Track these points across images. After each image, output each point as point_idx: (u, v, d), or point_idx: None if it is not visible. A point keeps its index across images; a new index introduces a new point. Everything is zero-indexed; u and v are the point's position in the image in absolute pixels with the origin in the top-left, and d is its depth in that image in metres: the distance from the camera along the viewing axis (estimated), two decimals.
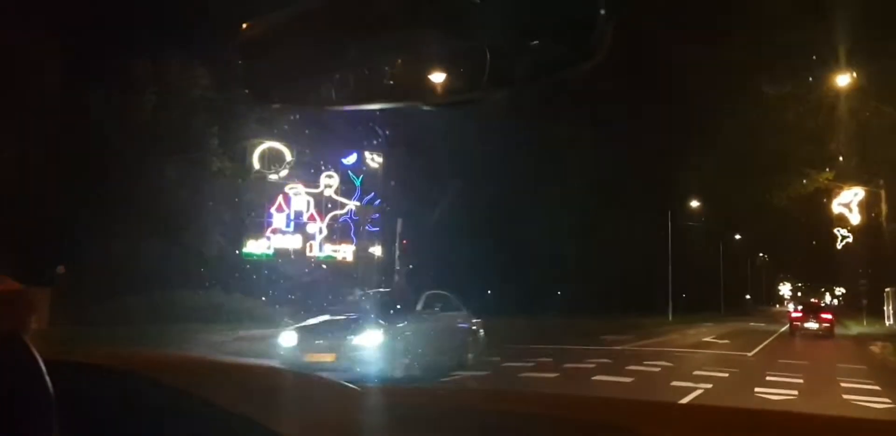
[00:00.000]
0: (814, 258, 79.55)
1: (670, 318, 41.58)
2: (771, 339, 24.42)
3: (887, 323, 38.26)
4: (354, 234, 33.22)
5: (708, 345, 20.67)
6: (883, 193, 41.04)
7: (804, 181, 41.95)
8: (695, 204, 45.29)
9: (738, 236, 69.22)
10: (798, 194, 42.69)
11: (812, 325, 30.93)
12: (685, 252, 53.49)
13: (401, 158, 34.81)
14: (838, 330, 32.54)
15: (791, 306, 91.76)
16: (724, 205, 47.67)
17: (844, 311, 71.28)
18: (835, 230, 71.57)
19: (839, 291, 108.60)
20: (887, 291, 38.44)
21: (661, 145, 42.01)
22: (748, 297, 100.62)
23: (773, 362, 14.66)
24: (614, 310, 43.83)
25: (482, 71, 1.17)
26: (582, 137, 40.41)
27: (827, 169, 41.36)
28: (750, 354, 16.70)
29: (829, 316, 32.44)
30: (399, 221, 30.95)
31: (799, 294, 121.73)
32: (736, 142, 39.41)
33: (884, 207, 41.11)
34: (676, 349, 17.54)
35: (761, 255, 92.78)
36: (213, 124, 27.59)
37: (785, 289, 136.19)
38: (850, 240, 70.44)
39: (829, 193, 43.41)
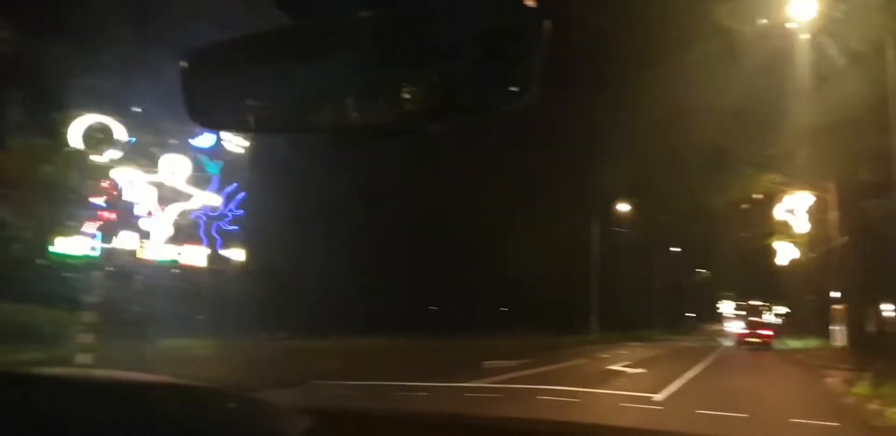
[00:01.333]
0: (756, 273, 75.83)
1: (594, 336, 36.26)
2: (700, 367, 19.11)
3: (836, 344, 33.55)
4: (206, 234, 27.17)
5: (610, 378, 15.15)
6: (833, 197, 36.70)
7: (746, 183, 37.44)
8: (625, 208, 40.32)
9: (676, 249, 64.68)
10: (739, 198, 38.15)
11: (754, 339, 36.21)
12: (617, 264, 48.54)
13: (275, 144, 28.93)
14: (785, 356, 27.95)
15: (729, 325, 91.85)
16: (660, 208, 42.76)
17: (789, 330, 67.76)
18: (773, 244, 67.84)
19: (781, 310, 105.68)
20: (836, 309, 33.79)
21: (588, 141, 36.88)
22: (692, 315, 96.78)
23: (687, 414, 9.25)
24: (536, 327, 38.50)
25: (428, 101, 1.25)
26: (501, 130, 35.04)
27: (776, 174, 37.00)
28: (658, 397, 11.21)
29: (769, 332, 38.74)
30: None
31: (741, 312, 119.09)
32: (672, 135, 34.51)
33: (833, 214, 36.72)
34: (556, 387, 11.98)
35: (701, 270, 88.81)
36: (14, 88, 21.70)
37: (726, 307, 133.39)
38: (794, 256, 66.77)
39: (773, 198, 38.98)
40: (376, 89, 1.28)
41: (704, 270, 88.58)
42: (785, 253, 66.64)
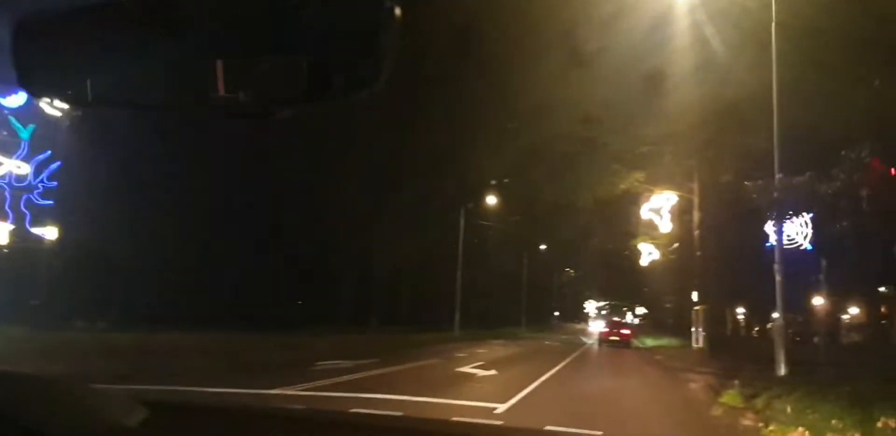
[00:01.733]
0: (620, 274, 77.32)
1: (456, 333, 34.53)
2: (558, 368, 17.51)
3: (695, 345, 33.38)
4: (11, 207, 23.27)
5: (456, 382, 13.12)
6: (696, 199, 36.76)
7: (614, 180, 36.90)
8: (493, 200, 38.92)
9: (543, 247, 64.44)
10: (607, 195, 37.59)
11: (615, 338, 38.10)
12: (486, 259, 47.25)
13: (100, 110, 25.16)
14: (646, 357, 27.23)
15: (593, 324, 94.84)
16: (530, 204, 41.62)
17: (649, 330, 69.34)
18: (638, 245, 68.90)
19: (646, 310, 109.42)
20: (696, 310, 33.65)
21: (458, 132, 35.03)
22: (557, 313, 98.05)
23: (530, 433, 7.34)
24: (399, 322, 36.39)
25: (281, 86, 1.27)
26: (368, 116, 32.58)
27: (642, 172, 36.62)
28: (501, 408, 9.23)
29: (628, 331, 40.87)
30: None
31: (603, 313, 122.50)
32: (543, 129, 33.26)
33: (696, 214, 36.78)
34: (385, 395, 9.75)
35: (568, 270, 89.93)
36: None
37: (591, 306, 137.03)
38: (655, 257, 67.97)
39: (640, 197, 38.75)
40: (227, 71, 1.25)
41: (571, 270, 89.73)
42: (648, 254, 68.08)
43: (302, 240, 30.27)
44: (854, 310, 56.22)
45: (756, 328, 53.65)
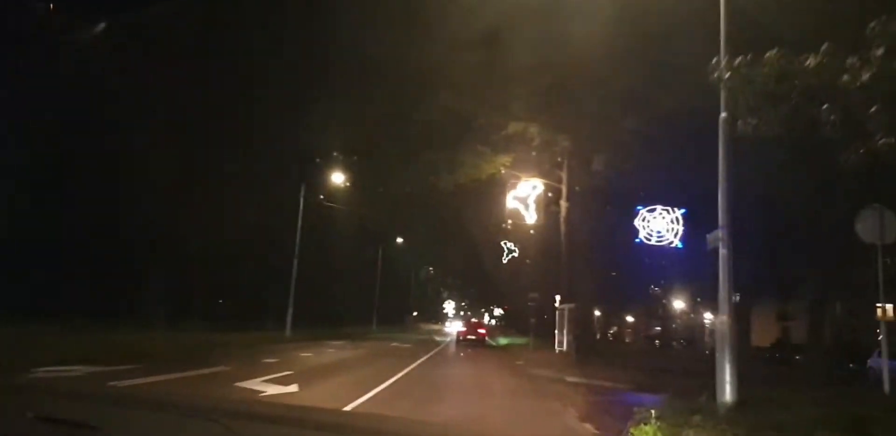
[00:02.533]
0: (482, 271, 74.40)
1: (288, 334, 29.39)
2: (391, 381, 12.99)
3: (558, 348, 29.99)
4: None
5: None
6: (564, 188, 33.56)
7: (480, 164, 33.07)
8: (341, 179, 33.95)
9: (400, 240, 60.09)
10: (470, 181, 33.69)
11: (472, 336, 40.65)
12: (334, 251, 42.25)
13: None
14: (506, 363, 23.35)
15: (450, 324, 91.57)
16: (383, 187, 37.00)
17: (506, 330, 66.72)
18: (502, 243, 66.11)
19: (500, 311, 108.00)
20: (561, 310, 30.29)
21: (302, 97, 29.89)
22: (415, 313, 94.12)
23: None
24: (221, 319, 30.81)
25: None
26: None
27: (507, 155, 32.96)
28: None
29: (483, 331, 44.07)
30: None
31: (462, 313, 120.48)
32: (396, 95, 28.69)
33: (564, 205, 33.57)
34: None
35: (428, 267, 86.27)
36: None
37: (450, 306, 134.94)
38: (516, 255, 65.31)
39: (506, 185, 35.18)
40: None
41: (431, 268, 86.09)
42: (508, 252, 65.30)
43: (93, 208, 24.20)
44: (709, 316, 55.81)
45: (612, 330, 51.60)
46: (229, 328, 27.23)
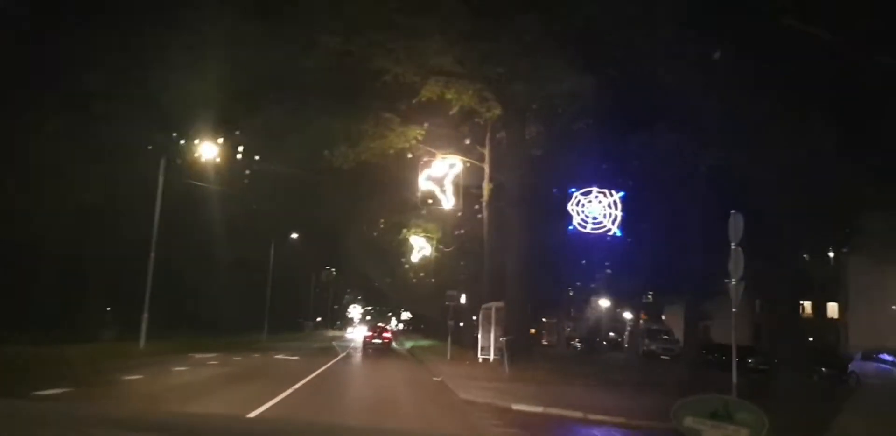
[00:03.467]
0: (388, 271, 68.71)
1: (141, 345, 22.96)
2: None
3: (481, 357, 24.83)
4: None
5: None
6: (487, 168, 28.45)
7: (386, 134, 27.46)
8: (213, 153, 27.20)
9: (295, 235, 53.57)
10: (376, 158, 28.07)
11: (378, 341, 39.10)
12: (205, 244, 35.75)
13: None
14: (423, 379, 17.77)
15: (353, 330, 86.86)
16: (271, 166, 30.76)
17: (416, 334, 61.39)
18: (410, 239, 60.76)
19: (407, 315, 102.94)
20: (487, 309, 25.14)
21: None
22: (319, 319, 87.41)
23: None
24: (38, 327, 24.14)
25: None
26: None
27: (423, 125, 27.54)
28: None
29: (389, 335, 42.33)
30: None
31: (368, 318, 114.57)
32: (279, 35, 22.65)
33: (486, 187, 28.44)
34: None
35: (330, 268, 79.72)
36: None
37: (356, 311, 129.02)
38: (427, 253, 60.10)
39: (421, 164, 29.63)
40: None
41: (333, 269, 79.61)
42: (419, 249, 59.86)
43: None
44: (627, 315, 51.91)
45: (546, 336, 46.78)
46: (45, 339, 20.73)
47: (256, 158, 29.30)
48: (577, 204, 28.71)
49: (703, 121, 22.98)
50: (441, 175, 28.53)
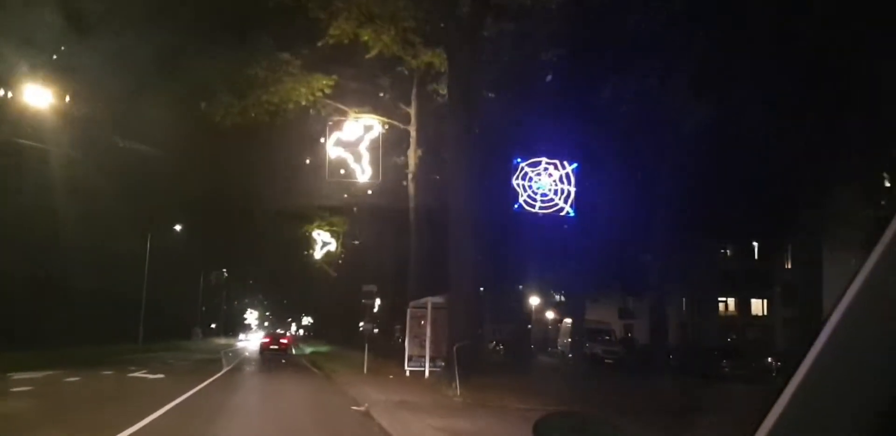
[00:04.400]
0: (286, 271, 62.06)
1: None
2: None
3: (409, 369, 19.11)
4: None
5: None
6: (413, 131, 22.73)
7: (281, 82, 21.24)
8: (42, 100, 19.76)
9: (178, 227, 46.04)
10: (266, 114, 21.80)
11: (275, 347, 40.10)
12: (50, 235, 28.52)
13: None
14: (334, 409, 11.45)
15: (247, 336, 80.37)
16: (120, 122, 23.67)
17: (314, 341, 54.83)
18: (312, 233, 54.43)
19: (308, 320, 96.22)
20: (419, 308, 19.42)
21: None
22: (213, 325, 79.06)
23: None
24: None
25: None
26: None
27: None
28: None
29: (286, 341, 44.49)
30: None
31: (266, 324, 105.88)
32: None
33: (413, 155, 22.67)
34: None
35: (223, 270, 71.77)
36: None
37: (253, 317, 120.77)
38: (332, 247, 53.88)
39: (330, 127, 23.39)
40: None
41: (224, 270, 71.68)
42: (322, 245, 53.49)
43: None
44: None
45: (496, 340, 40.68)
46: None
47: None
48: (524, 178, 23.35)
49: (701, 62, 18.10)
50: (355, 139, 22.52)
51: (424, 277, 22.02)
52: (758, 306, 52.08)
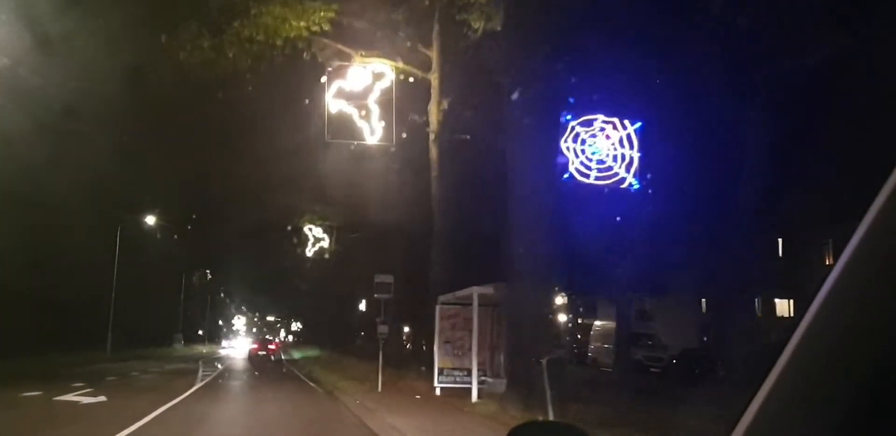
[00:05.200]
0: (277, 271, 57.10)
1: None
2: None
3: (439, 387, 14.12)
4: None
5: None
6: (435, 80, 17.80)
7: (268, 12, 16.32)
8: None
9: (151, 219, 40.60)
10: (251, 55, 16.88)
11: (263, 352, 41.44)
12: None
13: None
14: None
15: (232, 343, 76.27)
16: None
17: (304, 347, 49.81)
18: (306, 229, 50.79)
19: (297, 325, 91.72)
20: (452, 305, 14.47)
21: None
22: (200, 332, 73.70)
23: None
24: None
25: None
26: None
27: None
28: None
29: (273, 347, 46.48)
30: None
31: (255, 330, 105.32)
32: None
33: (434, 110, 17.74)
34: None
35: (205, 270, 66.38)
36: None
37: (240, 323, 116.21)
38: (325, 243, 49.63)
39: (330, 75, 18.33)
40: None
41: (208, 271, 66.31)
42: (314, 242, 48.75)
43: None
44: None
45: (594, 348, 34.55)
46: None
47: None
48: (575, 139, 18.57)
49: None
50: (361, 90, 17.56)
51: (453, 266, 17.11)
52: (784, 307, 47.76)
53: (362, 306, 50.82)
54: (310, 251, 45.93)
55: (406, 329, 28.32)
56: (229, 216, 41.62)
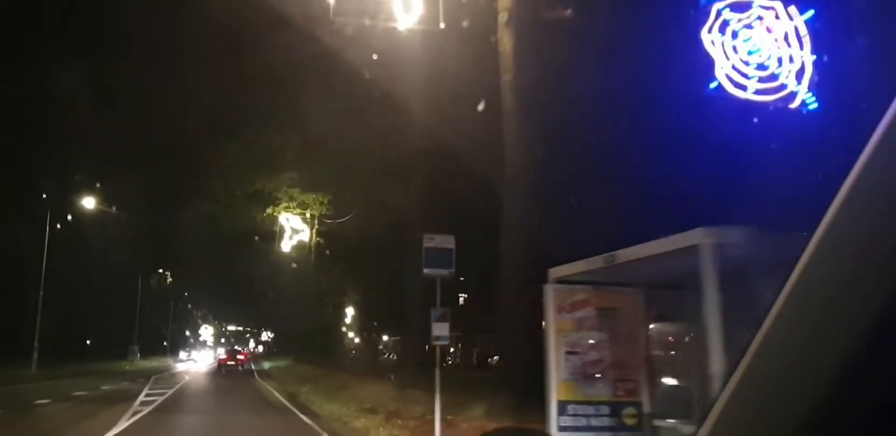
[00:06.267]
0: (247, 273, 49.41)
1: None
2: None
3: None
4: None
5: None
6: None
7: None
8: None
9: (91, 204, 33.13)
10: None
11: (232, 362, 42.05)
12: None
13: None
14: None
15: (198, 354, 75.89)
16: None
17: (279, 354, 42.88)
18: (282, 219, 43.84)
19: (267, 335, 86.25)
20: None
21: None
22: (165, 343, 66.35)
23: None
24: None
25: None
26: None
27: None
28: None
29: (242, 357, 46.12)
30: None
31: (223, 340, 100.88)
32: None
33: (506, 13, 10.95)
34: None
35: (163, 271, 58.88)
36: None
37: (208, 333, 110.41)
38: (302, 236, 42.85)
39: None
40: None
41: (168, 272, 58.68)
42: (291, 234, 41.99)
43: None
44: None
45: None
46: None
47: None
48: (723, 30, 12.01)
49: None
50: None
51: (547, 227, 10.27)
52: None
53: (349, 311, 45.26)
54: (287, 245, 39.17)
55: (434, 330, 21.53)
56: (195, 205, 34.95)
